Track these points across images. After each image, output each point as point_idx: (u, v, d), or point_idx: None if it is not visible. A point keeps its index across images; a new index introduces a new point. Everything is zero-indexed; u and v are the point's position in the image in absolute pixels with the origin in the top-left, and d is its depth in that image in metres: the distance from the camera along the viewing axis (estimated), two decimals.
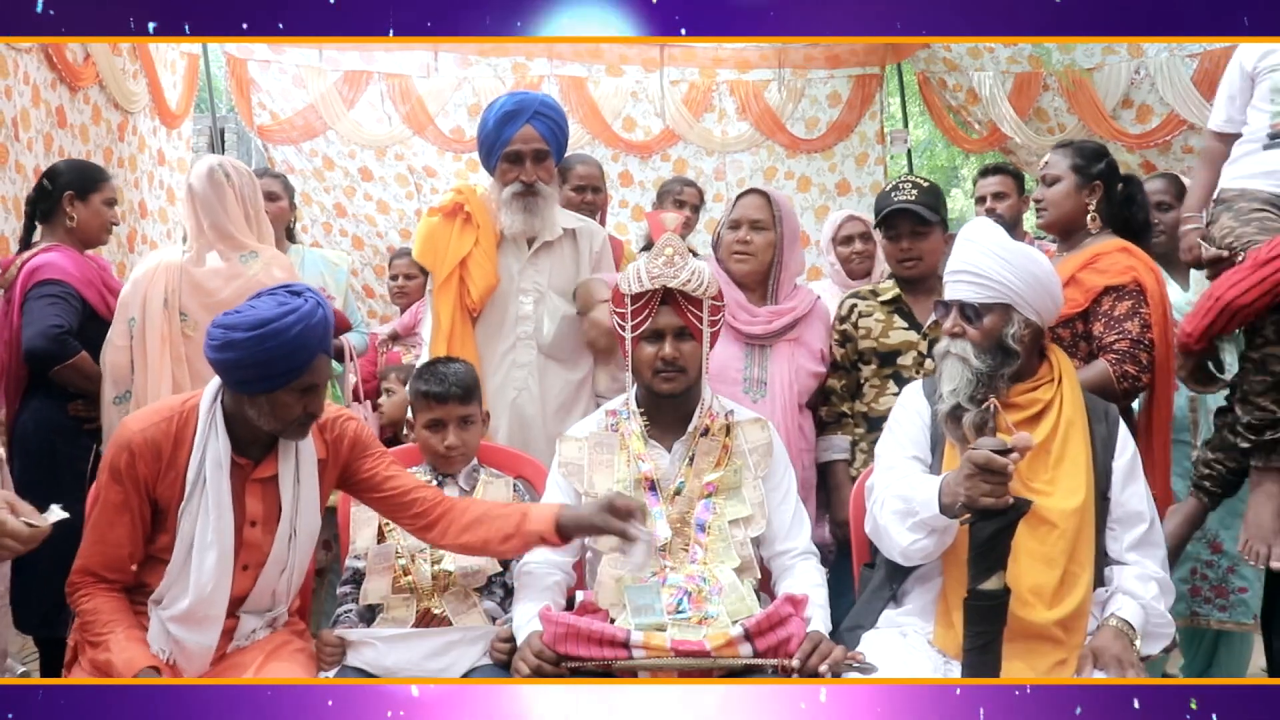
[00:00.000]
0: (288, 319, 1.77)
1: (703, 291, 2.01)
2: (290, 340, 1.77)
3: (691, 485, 2.02)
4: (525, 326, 2.64)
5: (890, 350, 2.53)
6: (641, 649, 1.73)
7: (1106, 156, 2.49)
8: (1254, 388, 2.06)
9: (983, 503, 1.63)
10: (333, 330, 1.89)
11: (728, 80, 6.05)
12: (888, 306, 2.57)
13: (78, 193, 2.85)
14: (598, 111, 5.93)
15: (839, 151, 6.11)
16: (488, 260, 2.61)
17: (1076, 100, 5.44)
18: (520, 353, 2.63)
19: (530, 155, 2.57)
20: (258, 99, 5.70)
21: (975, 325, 1.91)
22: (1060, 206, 2.46)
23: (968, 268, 1.93)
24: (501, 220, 2.61)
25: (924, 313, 2.53)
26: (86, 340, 2.69)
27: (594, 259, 2.73)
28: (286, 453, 1.95)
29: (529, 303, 2.64)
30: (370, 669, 1.94)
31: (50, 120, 3.99)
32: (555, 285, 2.67)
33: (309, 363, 1.82)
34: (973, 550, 1.66)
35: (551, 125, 2.60)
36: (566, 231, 2.70)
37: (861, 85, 6.07)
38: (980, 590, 1.64)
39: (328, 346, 1.87)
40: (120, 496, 1.86)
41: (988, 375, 1.90)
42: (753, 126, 6.02)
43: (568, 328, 2.65)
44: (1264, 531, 2.08)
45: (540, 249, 2.67)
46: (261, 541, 1.93)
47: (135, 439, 1.86)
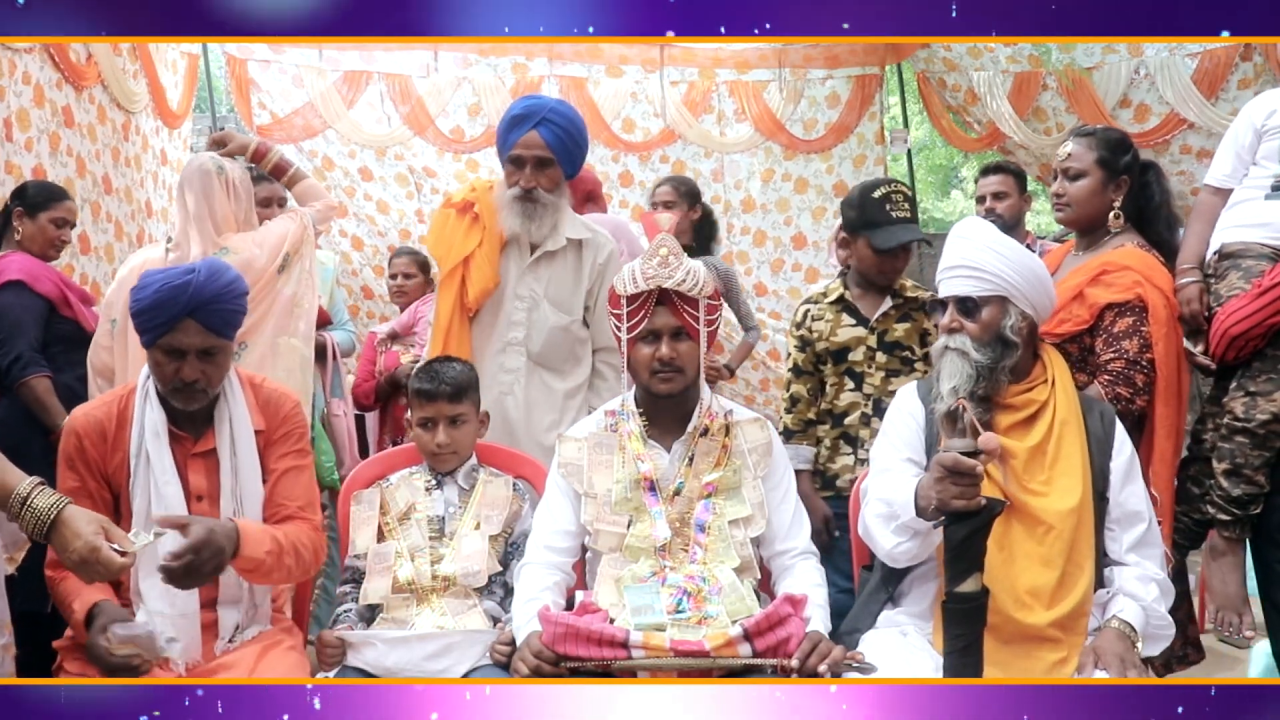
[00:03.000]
0: (155, 277, 1.94)
1: (698, 291, 2.01)
2: (150, 295, 1.91)
3: (691, 485, 2.02)
4: (516, 332, 2.65)
5: (840, 348, 2.62)
6: (641, 649, 1.73)
7: (1132, 146, 2.32)
8: (1250, 461, 2.04)
9: (954, 505, 1.62)
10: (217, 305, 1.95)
11: (727, 81, 6.05)
12: (835, 306, 2.65)
13: (27, 210, 3.04)
14: (597, 112, 5.93)
15: (836, 154, 6.12)
16: (487, 262, 2.62)
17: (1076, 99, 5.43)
18: (509, 357, 2.63)
19: (531, 161, 2.57)
20: (257, 98, 5.69)
21: (974, 319, 1.91)
22: (1085, 204, 2.29)
23: (963, 263, 1.93)
24: (501, 221, 2.62)
25: (870, 308, 2.63)
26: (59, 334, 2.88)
27: (597, 271, 2.70)
28: (221, 424, 2.02)
29: (522, 309, 2.65)
30: (371, 669, 1.94)
31: (57, 120, 3.99)
32: (551, 295, 2.66)
33: (171, 323, 1.91)
34: (948, 553, 1.66)
35: (559, 132, 2.58)
36: (571, 242, 2.68)
37: (861, 85, 6.08)
38: (957, 593, 1.63)
39: (202, 316, 1.92)
40: (76, 482, 1.95)
41: (988, 369, 1.90)
42: (752, 128, 6.03)
43: (559, 338, 2.65)
44: (1234, 601, 2.09)
45: (542, 257, 2.67)
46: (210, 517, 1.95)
47: (79, 422, 1.98)
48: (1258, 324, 2.03)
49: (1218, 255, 2.28)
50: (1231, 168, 2.33)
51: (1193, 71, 5.07)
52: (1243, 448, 2.05)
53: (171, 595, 1.88)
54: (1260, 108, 2.30)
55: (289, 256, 2.69)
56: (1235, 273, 2.19)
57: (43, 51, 3.91)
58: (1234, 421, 2.07)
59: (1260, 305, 2.03)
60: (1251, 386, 2.08)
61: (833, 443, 2.64)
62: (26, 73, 3.80)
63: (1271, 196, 2.21)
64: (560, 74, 5.91)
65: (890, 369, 2.61)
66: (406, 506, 2.20)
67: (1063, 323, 2.22)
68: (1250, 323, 2.04)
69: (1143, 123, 5.32)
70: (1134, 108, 5.36)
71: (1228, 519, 2.07)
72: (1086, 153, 2.29)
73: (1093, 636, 1.83)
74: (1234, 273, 2.19)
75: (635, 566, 1.95)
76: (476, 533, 2.15)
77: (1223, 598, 2.09)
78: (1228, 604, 2.09)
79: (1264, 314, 2.03)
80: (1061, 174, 2.34)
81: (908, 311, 2.63)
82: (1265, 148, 2.25)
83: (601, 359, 2.74)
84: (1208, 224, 2.32)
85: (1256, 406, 2.06)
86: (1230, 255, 2.24)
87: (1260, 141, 2.27)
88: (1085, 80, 5.40)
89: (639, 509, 2.00)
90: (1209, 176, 2.41)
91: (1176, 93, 5.11)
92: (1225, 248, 2.26)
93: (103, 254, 4.29)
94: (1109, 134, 2.34)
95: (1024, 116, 5.66)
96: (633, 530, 1.99)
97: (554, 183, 2.62)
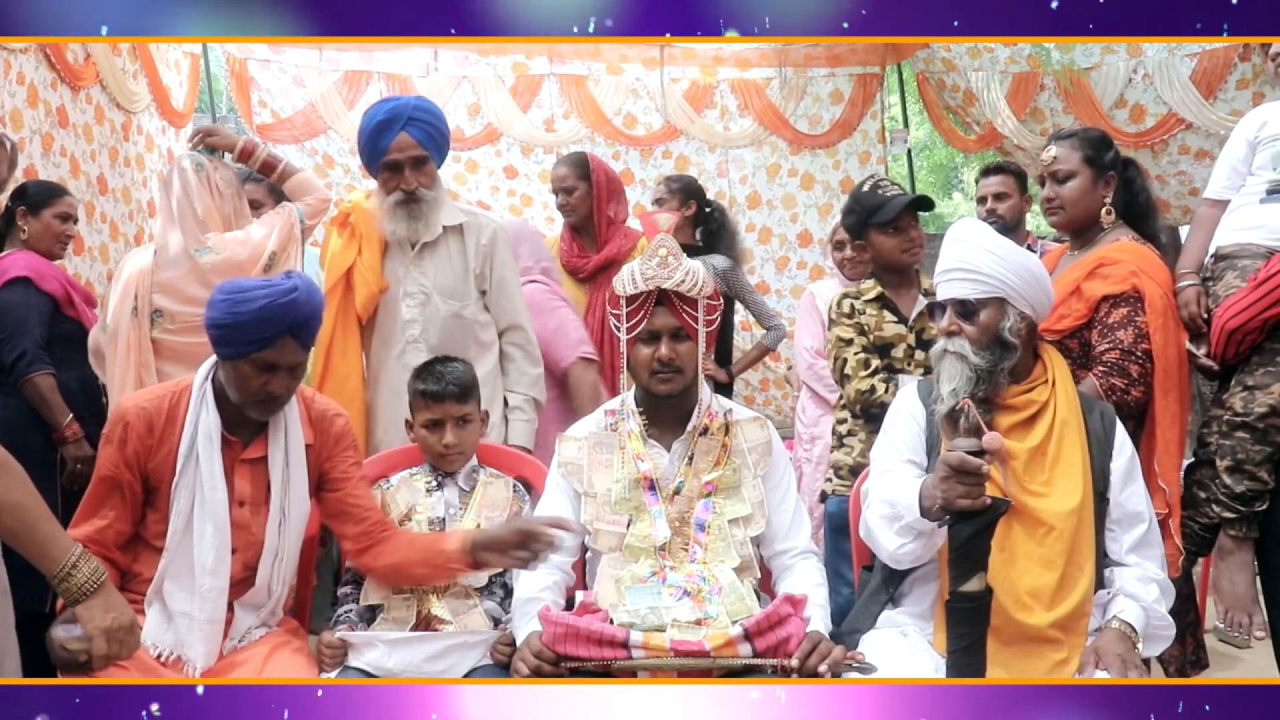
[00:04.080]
0: (258, 291, 1.89)
1: (698, 291, 2.01)
2: (254, 310, 1.87)
3: (691, 485, 2.02)
4: (413, 330, 2.63)
5: (885, 343, 2.62)
6: (641, 649, 1.73)
7: (1113, 142, 2.37)
8: (1251, 457, 2.05)
9: (959, 504, 1.62)
10: (313, 323, 1.97)
11: (728, 79, 6.04)
12: (875, 303, 2.65)
13: (30, 208, 3.04)
14: (598, 108, 5.94)
15: (842, 149, 6.09)
16: (369, 270, 2.62)
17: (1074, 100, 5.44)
18: (410, 356, 2.60)
19: (408, 163, 2.55)
20: (258, 98, 5.70)
21: (972, 321, 1.91)
22: (1078, 204, 2.31)
23: (960, 265, 1.93)
24: (385, 227, 2.61)
25: (907, 306, 2.65)
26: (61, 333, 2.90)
27: (483, 252, 2.67)
28: (276, 434, 2.00)
29: (414, 306, 2.63)
30: (372, 670, 1.94)
31: (50, 120, 3.99)
32: (440, 285, 2.64)
33: (271, 339, 1.88)
34: (952, 552, 1.66)
35: (427, 128, 2.57)
36: (450, 229, 2.66)
37: (863, 84, 6.07)
38: (961, 592, 1.63)
39: (300, 335, 1.93)
40: (112, 469, 1.92)
41: (988, 371, 1.90)
42: (755, 122, 6.01)
43: (454, 326, 2.63)
44: (1244, 602, 2.09)
45: (423, 250, 2.64)
46: (250, 523, 1.97)
47: (130, 412, 1.94)
48: (1254, 317, 2.05)
49: (1214, 258, 2.30)
50: (1228, 180, 2.38)
51: (1191, 72, 5.07)
52: (1243, 443, 2.06)
53: (200, 599, 1.89)
54: (1252, 121, 2.37)
55: (275, 255, 2.67)
56: (1232, 273, 2.21)
57: (38, 51, 3.90)
58: (1234, 417, 2.08)
59: (1256, 298, 2.05)
60: (1249, 380, 2.10)
61: (867, 436, 2.60)
62: (21, 73, 3.80)
63: (1266, 200, 2.25)
64: (560, 72, 5.92)
65: (928, 366, 2.60)
66: (407, 508, 2.19)
67: (1062, 319, 2.23)
68: (1246, 315, 2.06)
69: (1139, 123, 5.32)
70: (1130, 108, 5.37)
71: (1233, 516, 2.07)
72: (1072, 154, 2.31)
73: (1093, 637, 1.83)
74: (1230, 273, 2.21)
75: (635, 566, 1.95)
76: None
77: (1231, 598, 2.09)
78: (1237, 604, 2.09)
79: (1260, 306, 2.04)
80: (1050, 178, 2.35)
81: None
82: (1259, 158, 2.30)
83: (509, 341, 2.71)
84: (1207, 234, 2.36)
85: (1254, 400, 2.07)
86: (1226, 257, 2.26)
87: (1254, 152, 2.32)
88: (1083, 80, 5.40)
89: (639, 508, 2.00)
90: (1208, 190, 2.46)
91: (1175, 93, 5.11)
92: (1221, 250, 2.29)
93: (97, 254, 4.29)
94: (1089, 133, 2.38)
95: (1021, 117, 5.67)
96: (632, 530, 1.99)
97: (432, 178, 2.61)
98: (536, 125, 6.02)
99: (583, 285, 3.29)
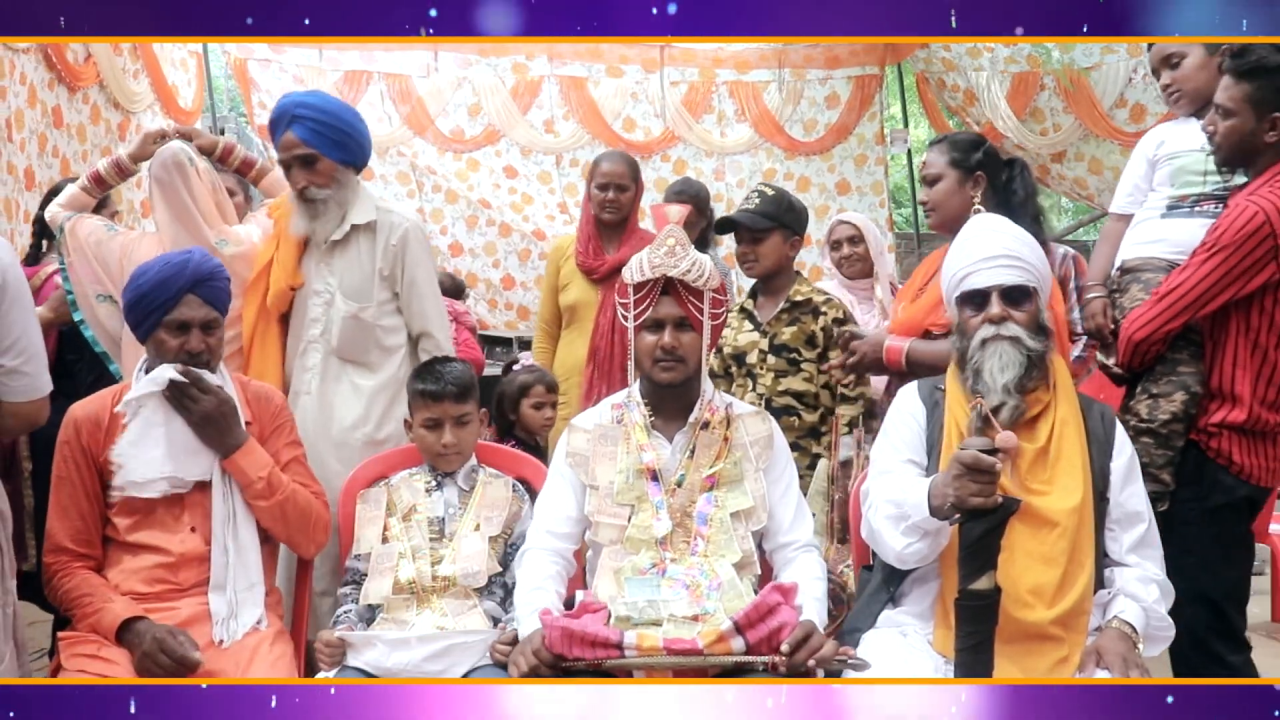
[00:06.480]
0: (153, 264, 2.07)
1: (703, 283, 2.02)
2: (152, 276, 2.04)
3: (692, 478, 2.02)
4: (315, 329, 2.60)
5: (739, 352, 2.84)
6: (634, 649, 1.72)
7: (984, 144, 2.41)
8: (1155, 460, 2.12)
9: (972, 503, 1.62)
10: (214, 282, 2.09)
11: (727, 81, 6.05)
12: (741, 314, 2.88)
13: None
14: (598, 112, 5.94)
15: (837, 154, 6.12)
16: (279, 265, 2.60)
17: (1074, 99, 5.44)
18: (309, 355, 2.59)
19: (294, 162, 2.51)
20: (258, 98, 5.71)
21: (1021, 308, 1.91)
22: (945, 204, 2.38)
23: (1006, 252, 1.93)
24: (290, 226, 2.59)
25: (765, 313, 2.85)
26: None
27: (392, 252, 2.58)
28: None
29: (320, 304, 2.60)
30: (371, 670, 1.94)
31: (46, 120, 3.99)
32: (345, 285, 2.58)
33: (173, 297, 2.03)
34: (963, 550, 1.67)
35: (311, 125, 2.49)
36: (359, 228, 2.58)
37: (861, 86, 6.08)
38: (971, 590, 1.64)
39: (202, 291, 2.06)
40: (67, 468, 2.04)
41: (1040, 356, 1.90)
42: (752, 129, 6.03)
43: (353, 329, 2.57)
44: None
45: (333, 248, 2.60)
46: (201, 500, 2.06)
47: (78, 414, 2.09)
48: (1158, 329, 2.12)
49: (1120, 271, 2.40)
50: (1131, 195, 2.48)
51: None
52: (1148, 448, 2.12)
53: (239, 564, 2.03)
54: (1151, 140, 2.47)
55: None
56: (1136, 285, 2.30)
57: (38, 51, 3.90)
58: (1139, 423, 2.15)
59: (1159, 310, 2.12)
60: (1154, 389, 2.17)
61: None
62: (23, 73, 3.80)
63: (1167, 215, 2.35)
64: (560, 74, 5.92)
65: (779, 370, 2.79)
66: (408, 507, 2.20)
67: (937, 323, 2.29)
68: (1151, 328, 2.13)
69: (1139, 123, 5.32)
70: (1130, 108, 5.37)
71: None
72: (939, 158, 2.40)
73: (1093, 637, 1.83)
74: (1135, 285, 2.31)
75: (635, 558, 1.95)
76: (476, 534, 2.15)
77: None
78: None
79: (1162, 319, 2.11)
80: (922, 183, 2.47)
81: (797, 316, 2.80)
82: (1159, 175, 2.40)
83: (421, 348, 2.63)
84: (1113, 246, 2.47)
85: (1159, 407, 2.14)
86: (1131, 270, 2.36)
87: (1154, 169, 2.42)
88: (1083, 80, 5.40)
89: (641, 498, 2.00)
90: (1112, 205, 2.58)
91: None
92: (1126, 264, 2.38)
93: None
94: (959, 137, 2.47)
95: (1022, 117, 5.67)
96: (634, 522, 1.98)
97: (327, 176, 2.52)
98: (536, 127, 6.02)
99: (596, 286, 3.25)
